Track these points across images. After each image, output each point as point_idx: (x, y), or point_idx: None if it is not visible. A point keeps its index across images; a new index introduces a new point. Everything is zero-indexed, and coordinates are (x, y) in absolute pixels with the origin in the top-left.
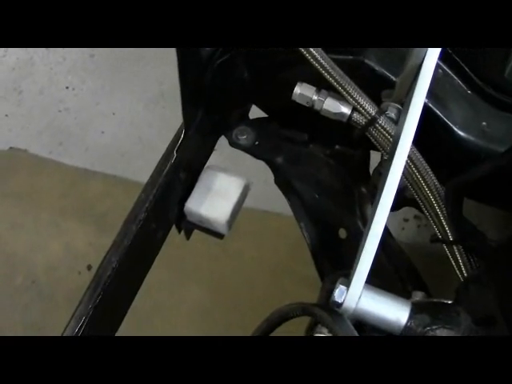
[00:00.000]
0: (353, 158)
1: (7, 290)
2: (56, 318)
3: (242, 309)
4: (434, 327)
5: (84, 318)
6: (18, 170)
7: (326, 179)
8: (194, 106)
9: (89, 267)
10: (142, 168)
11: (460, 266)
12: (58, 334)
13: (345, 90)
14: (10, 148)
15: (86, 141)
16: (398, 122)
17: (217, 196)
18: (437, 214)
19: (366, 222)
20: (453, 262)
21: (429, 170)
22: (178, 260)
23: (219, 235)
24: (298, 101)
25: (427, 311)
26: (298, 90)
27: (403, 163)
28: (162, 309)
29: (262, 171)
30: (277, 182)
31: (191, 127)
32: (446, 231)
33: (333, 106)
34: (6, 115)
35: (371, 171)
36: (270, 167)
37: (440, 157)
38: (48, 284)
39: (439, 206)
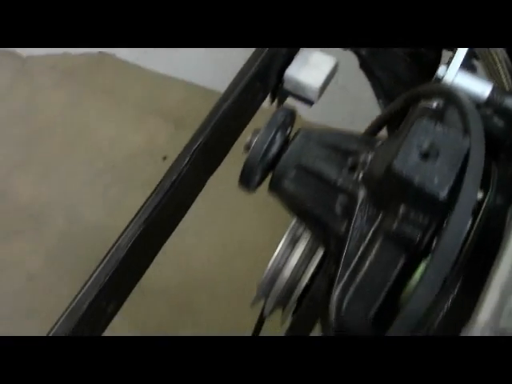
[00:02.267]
0: (424, 56)
1: (90, 171)
2: (132, 198)
3: None
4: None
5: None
6: (106, 70)
7: (402, 72)
8: None
9: (164, 158)
10: (220, 78)
11: None
12: (135, 211)
13: None
14: (100, 52)
15: (169, 50)
16: None
17: (312, 67)
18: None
19: None
20: None
21: None
22: None
23: (309, 102)
24: None
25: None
26: None
27: None
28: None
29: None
30: (361, 66)
31: None
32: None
33: None
34: None
35: None
36: (356, 55)
37: None
38: (127, 169)
39: (506, 77)
